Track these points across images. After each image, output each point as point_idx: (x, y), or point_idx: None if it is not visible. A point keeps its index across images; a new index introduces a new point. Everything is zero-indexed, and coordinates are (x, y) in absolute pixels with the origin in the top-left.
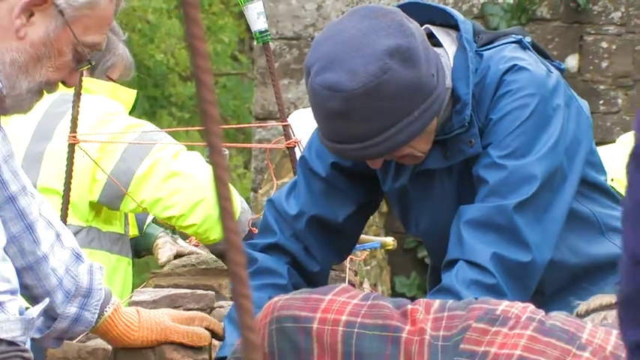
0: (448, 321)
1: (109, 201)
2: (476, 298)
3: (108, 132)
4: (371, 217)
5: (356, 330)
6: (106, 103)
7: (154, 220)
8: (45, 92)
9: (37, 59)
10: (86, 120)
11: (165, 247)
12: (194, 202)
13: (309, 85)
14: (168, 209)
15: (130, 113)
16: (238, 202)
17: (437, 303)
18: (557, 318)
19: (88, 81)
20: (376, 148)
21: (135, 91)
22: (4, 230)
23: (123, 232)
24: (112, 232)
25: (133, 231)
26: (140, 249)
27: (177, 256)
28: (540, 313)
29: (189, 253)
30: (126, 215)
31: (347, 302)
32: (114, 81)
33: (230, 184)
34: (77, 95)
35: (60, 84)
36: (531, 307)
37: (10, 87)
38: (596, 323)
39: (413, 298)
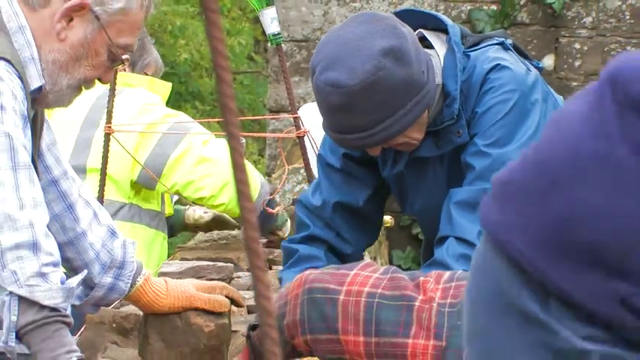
0: (455, 290)
1: (146, 182)
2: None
3: (148, 120)
4: None
5: (376, 300)
6: (146, 94)
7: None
8: (83, 88)
9: (76, 59)
10: (129, 109)
11: (199, 210)
12: (222, 185)
13: (314, 82)
14: (200, 191)
15: (167, 104)
16: (258, 181)
17: (447, 274)
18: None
19: (129, 76)
20: (374, 138)
21: (170, 84)
22: (47, 210)
23: (160, 210)
24: (151, 209)
25: (169, 210)
26: (174, 227)
27: (214, 220)
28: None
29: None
30: (163, 196)
31: (369, 276)
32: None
33: (252, 167)
34: (112, 91)
35: (96, 81)
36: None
37: (53, 83)
38: None
39: (407, 270)
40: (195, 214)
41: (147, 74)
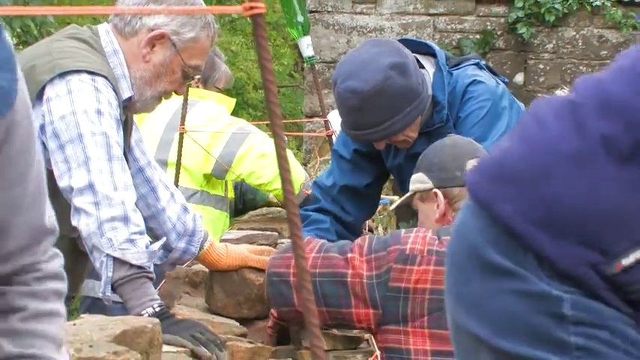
0: (376, 262)
1: (219, 173)
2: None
3: (218, 125)
4: None
5: (317, 279)
6: (216, 106)
7: None
8: (163, 98)
9: (157, 76)
10: (203, 116)
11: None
12: (276, 174)
13: (336, 90)
14: (260, 178)
15: (231, 114)
16: (302, 173)
17: (366, 245)
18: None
19: (202, 91)
20: (380, 133)
21: (234, 100)
22: (135, 191)
23: (224, 195)
24: (217, 194)
25: (231, 194)
26: (258, 204)
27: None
28: (435, 242)
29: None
30: (226, 184)
31: (307, 257)
32: (220, 90)
33: (296, 161)
34: (185, 100)
35: (173, 93)
36: (428, 236)
37: (139, 95)
38: None
39: None
40: (275, 199)
41: (218, 88)
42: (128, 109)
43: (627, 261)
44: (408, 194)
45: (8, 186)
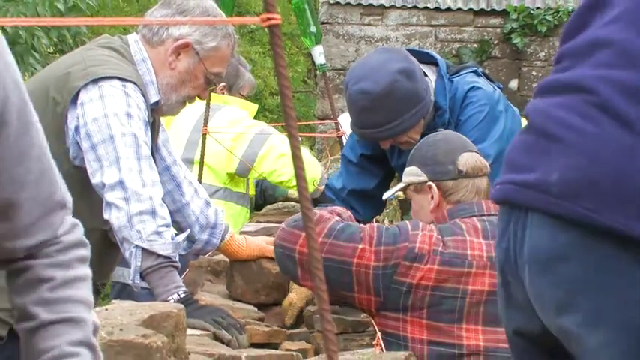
0: (384, 254)
1: (242, 172)
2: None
3: (239, 129)
4: None
5: (323, 263)
6: (239, 110)
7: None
8: (187, 103)
9: (182, 82)
10: (226, 119)
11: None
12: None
13: (348, 92)
14: (280, 176)
15: (254, 118)
16: (319, 170)
17: (375, 236)
18: (450, 244)
19: (226, 97)
20: (388, 132)
21: (256, 105)
22: (162, 187)
23: (245, 192)
24: (239, 191)
25: (252, 192)
26: (277, 198)
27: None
28: (440, 244)
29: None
30: (247, 181)
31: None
32: (243, 97)
33: (314, 159)
34: (207, 105)
35: (196, 97)
36: (434, 237)
37: (166, 99)
38: None
39: None
40: (294, 194)
41: (242, 95)
42: (155, 112)
43: None
44: (401, 185)
45: (10, 166)
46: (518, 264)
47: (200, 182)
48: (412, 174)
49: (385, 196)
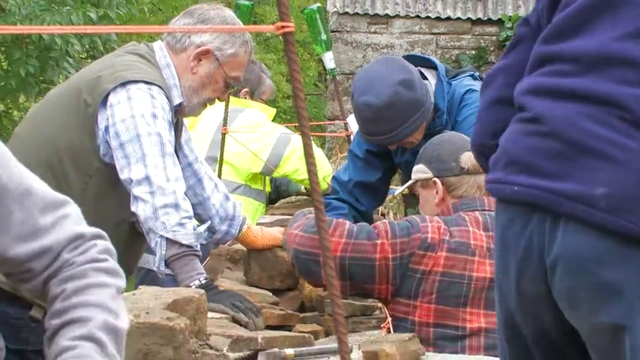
0: (400, 246)
1: (267, 171)
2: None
3: (260, 130)
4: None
5: (347, 262)
6: (258, 113)
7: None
8: (208, 104)
9: (203, 85)
10: (247, 121)
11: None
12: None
13: (354, 103)
14: (302, 174)
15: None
16: (329, 168)
17: (389, 230)
18: (456, 234)
19: (248, 101)
20: (392, 139)
21: (274, 109)
22: (184, 182)
23: (262, 189)
24: (257, 188)
25: (268, 189)
26: (291, 193)
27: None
28: (447, 234)
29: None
30: (264, 179)
31: (339, 242)
32: (264, 101)
33: (325, 157)
34: (226, 106)
35: (216, 99)
36: (442, 227)
37: (188, 101)
38: None
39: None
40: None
41: (263, 99)
42: (179, 113)
43: None
44: (410, 182)
45: (24, 238)
46: (544, 262)
47: (220, 178)
48: (419, 171)
49: (397, 192)
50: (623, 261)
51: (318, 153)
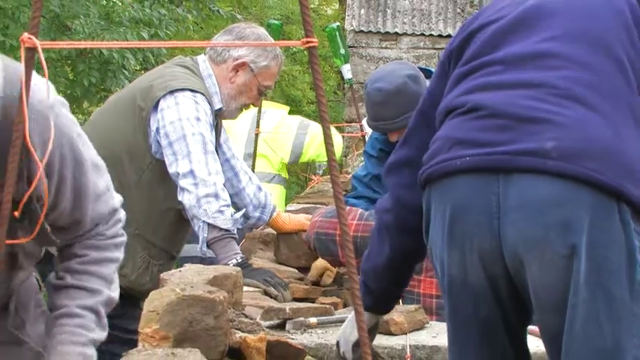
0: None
1: (294, 160)
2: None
3: (285, 128)
4: None
5: (359, 240)
6: (277, 111)
7: None
8: (243, 109)
9: (239, 93)
10: (273, 121)
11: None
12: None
13: (366, 91)
14: (324, 156)
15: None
16: (341, 140)
17: (359, 214)
18: None
19: (274, 103)
20: (396, 125)
21: (287, 106)
22: (223, 175)
23: (287, 177)
24: (284, 176)
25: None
26: None
27: None
28: None
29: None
30: (286, 167)
31: (351, 223)
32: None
33: (337, 133)
34: (259, 112)
35: (251, 105)
36: None
37: (227, 106)
38: None
39: None
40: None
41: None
42: (219, 116)
43: None
44: None
45: (76, 199)
46: (498, 219)
47: (254, 171)
48: None
49: None
50: (574, 200)
51: (337, 140)
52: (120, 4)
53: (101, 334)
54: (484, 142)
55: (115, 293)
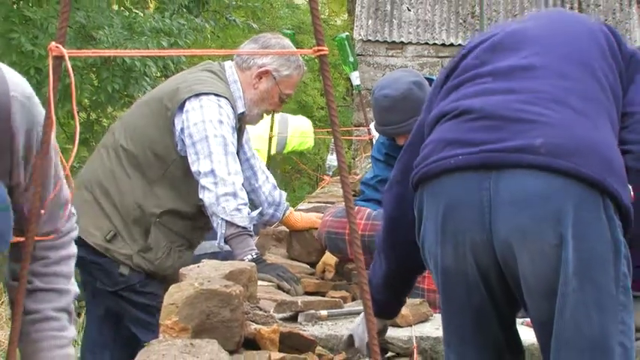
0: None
1: (280, 150)
2: None
3: (290, 130)
4: None
5: (366, 239)
6: (302, 117)
7: None
8: (264, 115)
9: (262, 99)
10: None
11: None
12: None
13: (374, 97)
14: (305, 144)
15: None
16: (312, 142)
17: (367, 214)
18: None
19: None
20: (402, 129)
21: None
22: (242, 175)
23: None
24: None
25: None
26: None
27: None
28: None
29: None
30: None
31: (359, 223)
32: None
33: (307, 121)
34: (272, 118)
35: (272, 111)
36: None
37: (249, 111)
38: None
39: None
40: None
41: None
42: (242, 120)
43: None
44: None
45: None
46: (489, 214)
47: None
48: None
49: None
50: (562, 192)
51: (307, 126)
52: (142, 15)
53: (74, 331)
54: (476, 142)
55: (74, 285)
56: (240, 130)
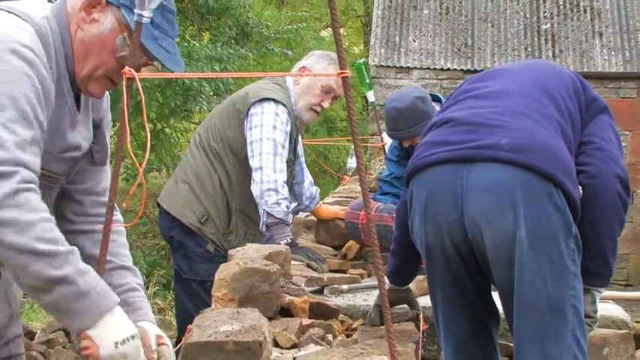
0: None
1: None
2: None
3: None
4: None
5: (376, 227)
6: None
7: None
8: (315, 111)
9: (303, 92)
10: None
11: None
12: None
13: (385, 109)
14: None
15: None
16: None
17: (375, 207)
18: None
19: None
20: (407, 134)
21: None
22: (286, 174)
23: None
24: None
25: None
26: None
27: None
28: None
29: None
30: None
31: (370, 214)
32: None
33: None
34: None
35: (320, 106)
36: None
37: (296, 107)
38: None
39: None
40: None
41: None
42: (298, 122)
43: None
44: None
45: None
46: (462, 197)
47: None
48: None
49: None
50: (519, 181)
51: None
52: (198, 45)
53: None
54: (454, 141)
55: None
56: (298, 130)
